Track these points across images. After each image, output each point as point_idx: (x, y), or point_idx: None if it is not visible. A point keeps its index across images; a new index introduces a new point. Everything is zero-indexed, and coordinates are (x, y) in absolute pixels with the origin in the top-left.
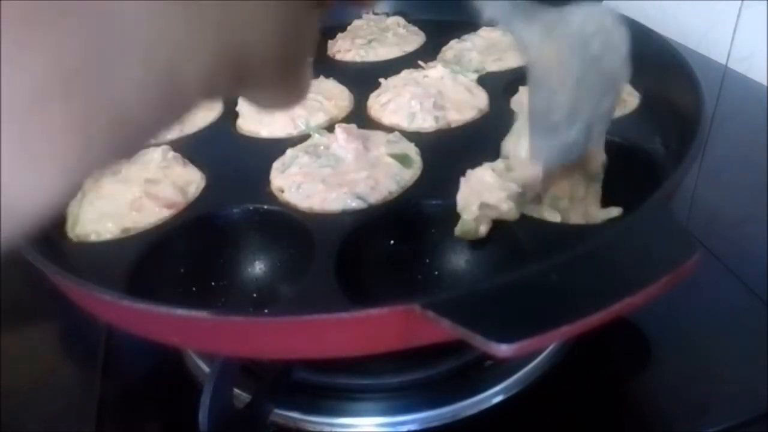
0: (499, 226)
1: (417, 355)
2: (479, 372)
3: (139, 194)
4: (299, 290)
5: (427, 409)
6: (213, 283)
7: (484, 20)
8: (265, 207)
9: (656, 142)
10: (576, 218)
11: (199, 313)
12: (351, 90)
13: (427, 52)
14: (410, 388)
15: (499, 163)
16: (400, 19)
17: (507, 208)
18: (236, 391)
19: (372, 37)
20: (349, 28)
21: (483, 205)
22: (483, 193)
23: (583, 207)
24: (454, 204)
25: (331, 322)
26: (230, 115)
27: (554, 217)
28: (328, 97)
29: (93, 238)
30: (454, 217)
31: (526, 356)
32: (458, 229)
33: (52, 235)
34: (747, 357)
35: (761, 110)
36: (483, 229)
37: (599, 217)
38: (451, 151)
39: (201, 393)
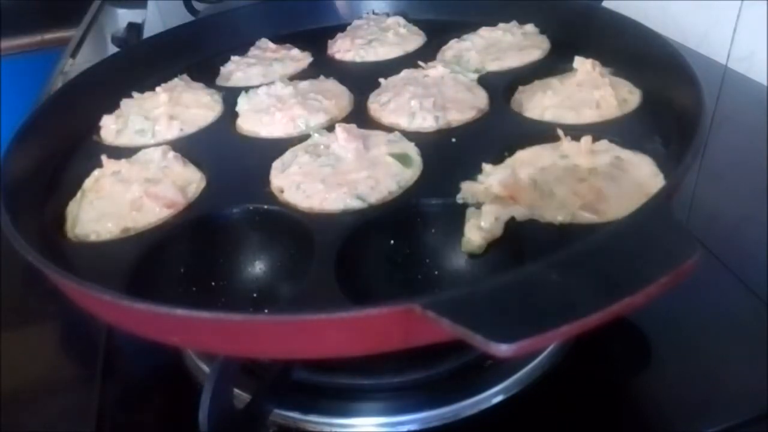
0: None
1: (417, 355)
2: (479, 372)
3: (139, 194)
4: (299, 290)
5: (427, 409)
6: (213, 283)
7: None
8: (265, 207)
9: (656, 142)
10: None
11: (199, 313)
12: (351, 90)
13: (427, 52)
14: (410, 388)
15: None
16: (400, 19)
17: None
18: (236, 391)
19: (372, 37)
20: (349, 28)
21: None
22: None
23: None
24: (454, 204)
25: (331, 322)
26: (230, 115)
27: (555, 217)
28: (328, 97)
29: (93, 238)
30: (454, 217)
31: (526, 356)
32: (462, 248)
33: (52, 235)
34: (747, 357)
35: (761, 110)
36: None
37: None
38: (452, 151)
39: (201, 393)
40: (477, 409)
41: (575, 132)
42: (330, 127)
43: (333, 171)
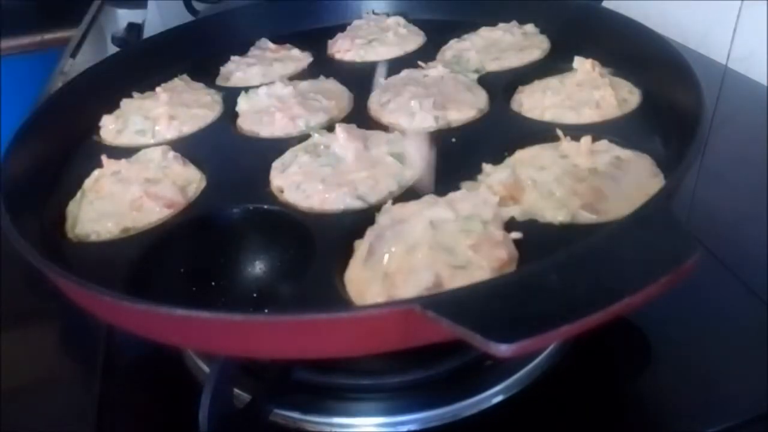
0: None
1: (417, 355)
2: (479, 372)
3: (139, 194)
4: (299, 290)
5: (427, 409)
6: (213, 283)
7: None
8: (265, 207)
9: (656, 142)
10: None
11: (199, 313)
12: (351, 90)
13: (427, 52)
14: (410, 388)
15: None
16: (400, 19)
17: None
18: (236, 391)
19: (372, 37)
20: (349, 28)
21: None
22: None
23: None
24: None
25: (331, 322)
26: (230, 115)
27: (555, 217)
28: (328, 97)
29: (93, 238)
30: None
31: (526, 356)
32: None
33: (52, 235)
34: (747, 357)
35: (761, 110)
36: None
37: None
38: (452, 151)
39: (201, 393)
40: (477, 409)
41: (575, 132)
42: (330, 127)
43: (333, 171)
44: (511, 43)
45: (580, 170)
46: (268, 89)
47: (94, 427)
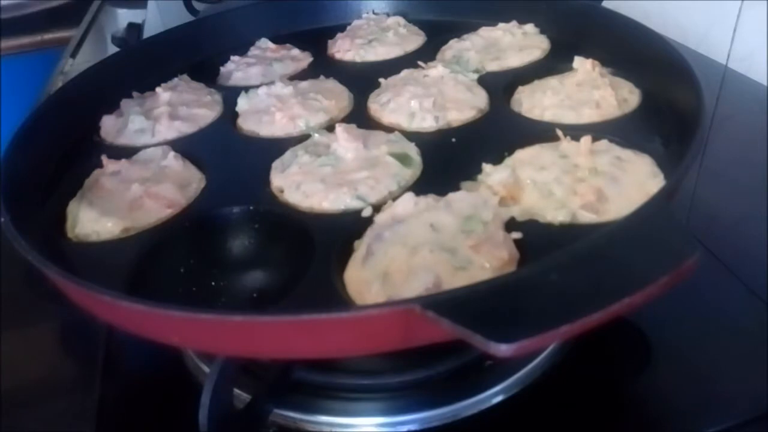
0: None
1: (417, 355)
2: (479, 372)
3: (139, 194)
4: (299, 290)
5: (427, 409)
6: (213, 283)
7: None
8: (265, 207)
9: (656, 142)
10: None
11: (199, 313)
12: (351, 90)
13: (428, 52)
14: (410, 388)
15: None
16: (401, 19)
17: None
18: (236, 391)
19: (372, 37)
20: (349, 28)
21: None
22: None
23: None
24: None
25: (331, 322)
26: (230, 115)
27: (555, 217)
28: (328, 97)
29: (93, 238)
30: None
31: (526, 356)
32: None
33: (52, 235)
34: (747, 357)
35: (761, 110)
36: None
37: None
38: (452, 151)
39: (201, 393)
40: (477, 409)
41: (575, 132)
42: (330, 127)
43: (333, 171)
44: (511, 43)
45: (580, 170)
46: (268, 89)
47: (94, 427)
